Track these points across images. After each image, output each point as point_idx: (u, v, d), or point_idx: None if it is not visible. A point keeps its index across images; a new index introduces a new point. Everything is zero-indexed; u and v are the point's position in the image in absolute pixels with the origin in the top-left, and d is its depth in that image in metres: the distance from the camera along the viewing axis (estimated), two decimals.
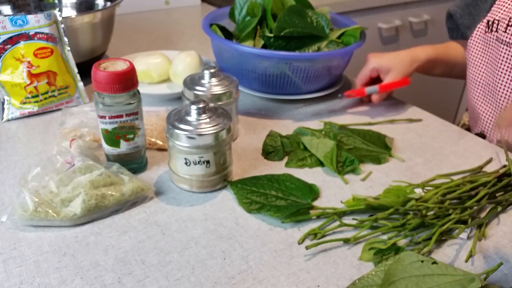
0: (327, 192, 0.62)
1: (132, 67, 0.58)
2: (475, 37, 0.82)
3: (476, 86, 0.83)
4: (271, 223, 0.56)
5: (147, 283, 0.48)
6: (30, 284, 0.47)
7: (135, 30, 1.25)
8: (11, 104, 0.77)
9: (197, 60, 0.85)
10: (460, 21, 0.86)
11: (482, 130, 0.84)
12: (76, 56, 0.83)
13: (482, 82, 0.81)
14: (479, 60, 0.81)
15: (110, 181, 0.57)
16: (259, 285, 0.48)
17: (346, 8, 1.50)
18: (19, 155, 0.68)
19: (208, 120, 0.58)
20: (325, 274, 0.50)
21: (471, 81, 0.85)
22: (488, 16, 0.79)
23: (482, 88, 0.82)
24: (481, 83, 0.82)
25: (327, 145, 0.68)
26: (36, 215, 0.53)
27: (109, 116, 0.59)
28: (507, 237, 0.55)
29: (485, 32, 0.79)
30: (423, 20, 1.73)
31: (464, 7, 0.85)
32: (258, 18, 0.84)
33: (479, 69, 0.81)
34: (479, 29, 0.81)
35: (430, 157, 0.71)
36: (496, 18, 0.77)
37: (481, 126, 0.84)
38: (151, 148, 0.70)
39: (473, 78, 0.84)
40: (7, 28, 0.74)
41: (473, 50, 0.82)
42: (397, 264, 0.46)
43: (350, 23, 0.90)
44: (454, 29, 0.91)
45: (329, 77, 0.84)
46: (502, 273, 0.50)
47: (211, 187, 0.61)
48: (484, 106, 0.82)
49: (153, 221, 0.56)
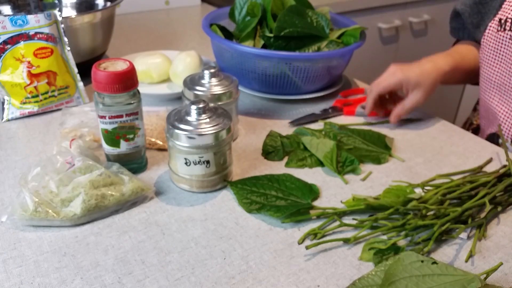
0: (327, 192, 0.62)
1: (132, 67, 0.58)
2: (488, 36, 0.80)
3: (491, 86, 0.82)
4: (271, 223, 0.56)
5: (147, 283, 0.48)
6: (30, 284, 0.47)
7: (135, 30, 1.25)
8: (11, 104, 0.77)
9: (197, 60, 0.85)
10: (468, 20, 0.84)
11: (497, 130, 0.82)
12: (76, 56, 0.84)
13: (497, 82, 0.80)
14: (493, 59, 0.80)
15: (110, 181, 0.57)
16: (259, 285, 0.48)
17: (346, 8, 1.50)
18: (19, 155, 0.68)
19: (208, 120, 0.58)
20: (325, 274, 0.50)
21: (485, 81, 0.83)
22: (499, 14, 0.78)
23: (497, 88, 0.80)
24: (496, 83, 0.80)
25: (327, 145, 0.68)
26: (36, 215, 0.53)
27: (109, 116, 0.59)
28: (507, 237, 0.55)
29: (497, 31, 0.77)
30: (423, 20, 1.73)
31: (473, 5, 0.83)
32: (258, 18, 0.84)
33: (494, 68, 0.80)
34: (491, 27, 0.79)
35: (430, 157, 0.71)
36: (509, 16, 0.76)
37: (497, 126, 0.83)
38: (151, 148, 0.70)
39: (487, 77, 0.82)
40: (7, 28, 0.74)
41: (486, 49, 0.80)
42: (397, 264, 0.46)
43: (350, 23, 0.90)
44: (460, 29, 0.89)
45: (329, 77, 0.84)
46: (502, 273, 0.50)
47: (211, 187, 0.61)
48: (500, 106, 0.81)
49: (153, 221, 0.56)
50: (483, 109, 0.87)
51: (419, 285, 0.44)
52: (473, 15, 0.84)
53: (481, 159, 0.70)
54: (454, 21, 0.90)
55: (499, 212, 0.59)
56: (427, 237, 0.53)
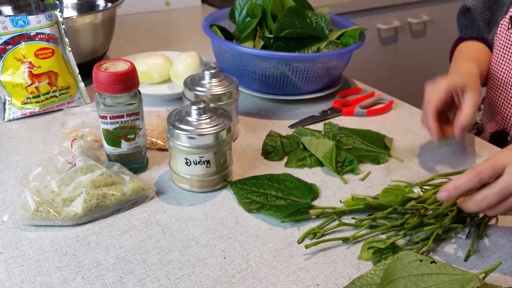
0: (326, 191, 0.63)
1: (133, 67, 0.59)
2: (499, 34, 0.79)
3: (498, 84, 0.81)
4: (271, 222, 0.57)
5: (148, 282, 0.48)
6: (31, 284, 0.48)
7: (136, 31, 1.26)
8: (12, 104, 0.77)
9: (197, 60, 0.85)
10: (480, 16, 0.83)
11: (505, 128, 0.82)
12: (77, 57, 0.84)
13: (504, 80, 0.79)
14: (502, 57, 0.79)
15: (111, 181, 0.58)
16: (259, 284, 0.48)
17: (346, 9, 1.51)
18: (20, 155, 0.68)
19: (208, 121, 0.58)
20: (324, 273, 0.50)
21: (492, 79, 0.82)
22: (510, 11, 0.77)
23: (503, 86, 0.80)
24: (503, 81, 0.79)
25: (326, 145, 0.68)
26: (37, 215, 0.54)
27: (110, 116, 0.59)
28: (506, 236, 0.56)
29: (507, 29, 0.76)
30: (422, 21, 1.73)
31: (485, 1, 0.82)
32: (258, 19, 0.84)
33: (502, 66, 0.79)
34: (502, 25, 0.78)
35: (429, 157, 0.71)
36: None
37: (503, 124, 0.82)
38: (152, 148, 0.70)
39: (495, 75, 0.81)
40: (8, 29, 0.74)
41: (496, 46, 0.79)
42: (396, 264, 0.46)
43: (349, 24, 0.91)
44: (468, 26, 0.87)
45: (329, 78, 0.84)
46: (501, 272, 0.51)
47: (212, 186, 0.62)
48: (505, 104, 0.80)
49: (154, 221, 0.57)
50: (487, 107, 0.86)
51: (418, 284, 0.44)
52: (485, 11, 0.82)
53: (480, 159, 0.70)
54: (462, 18, 0.88)
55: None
56: (426, 236, 0.53)
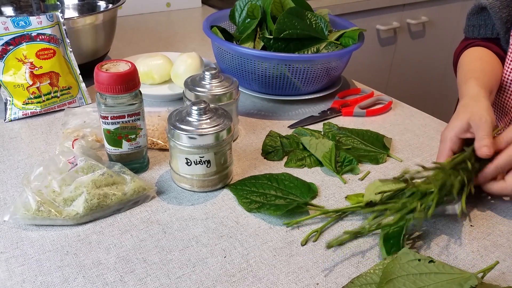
0: (325, 191, 0.63)
1: (134, 68, 0.59)
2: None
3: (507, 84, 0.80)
4: (271, 222, 0.57)
5: (149, 281, 0.48)
6: (32, 283, 0.48)
7: (136, 32, 1.26)
8: (14, 104, 0.77)
9: (198, 61, 0.85)
10: (498, 15, 0.80)
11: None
12: (78, 58, 0.84)
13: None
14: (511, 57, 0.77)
15: (112, 181, 0.58)
16: (259, 283, 0.49)
17: (345, 10, 1.51)
18: (21, 155, 0.69)
19: (208, 121, 0.59)
20: (324, 272, 0.50)
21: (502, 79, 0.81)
22: None
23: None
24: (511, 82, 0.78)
25: (326, 145, 0.69)
26: (38, 215, 0.54)
27: (111, 116, 0.60)
28: (504, 236, 0.56)
29: None
30: (420, 21, 1.74)
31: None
32: (258, 20, 0.85)
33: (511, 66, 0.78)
34: None
35: (428, 157, 0.71)
36: None
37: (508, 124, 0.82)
38: (152, 148, 0.71)
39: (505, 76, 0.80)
40: (10, 30, 0.75)
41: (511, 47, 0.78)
42: (394, 263, 0.46)
43: (348, 25, 0.91)
44: (481, 26, 0.84)
45: (328, 78, 0.85)
46: (499, 271, 0.51)
47: (212, 186, 0.62)
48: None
49: (155, 220, 0.57)
50: (496, 108, 0.86)
51: (416, 283, 0.44)
52: (503, 9, 0.80)
53: None
54: (475, 17, 0.85)
55: (497, 210, 0.60)
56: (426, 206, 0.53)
